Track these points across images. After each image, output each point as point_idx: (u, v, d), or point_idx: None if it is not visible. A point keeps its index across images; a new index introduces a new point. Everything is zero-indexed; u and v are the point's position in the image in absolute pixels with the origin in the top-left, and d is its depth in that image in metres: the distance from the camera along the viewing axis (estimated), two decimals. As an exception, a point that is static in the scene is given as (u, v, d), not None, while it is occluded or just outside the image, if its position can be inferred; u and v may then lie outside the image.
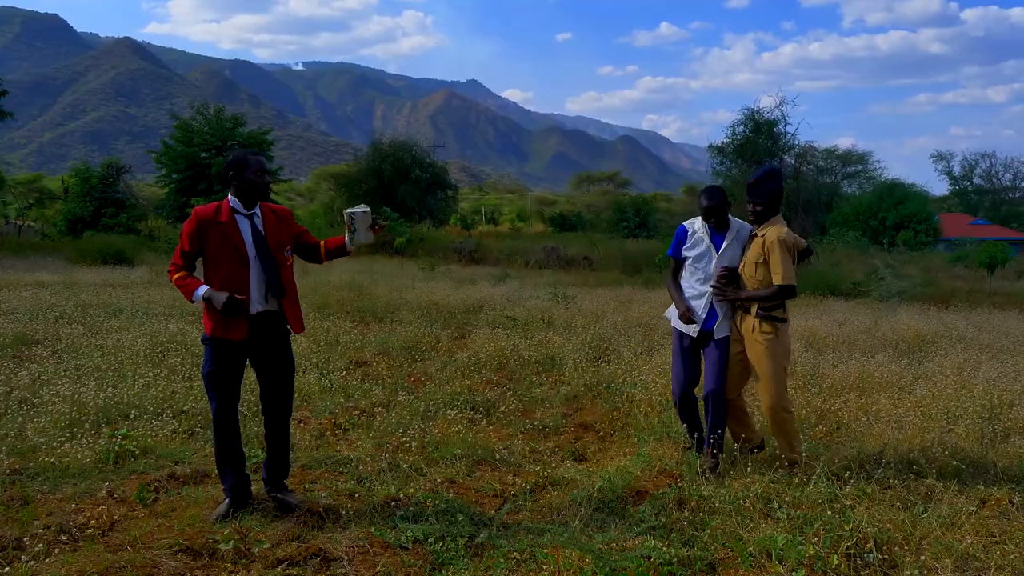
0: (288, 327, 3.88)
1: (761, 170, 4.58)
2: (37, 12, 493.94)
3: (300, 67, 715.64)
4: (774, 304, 4.43)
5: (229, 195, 3.76)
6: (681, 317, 4.56)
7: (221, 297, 3.57)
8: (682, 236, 4.66)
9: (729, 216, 4.57)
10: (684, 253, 4.64)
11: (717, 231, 4.56)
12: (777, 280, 4.34)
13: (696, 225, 4.64)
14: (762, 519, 3.71)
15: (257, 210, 3.78)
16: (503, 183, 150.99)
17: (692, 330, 4.56)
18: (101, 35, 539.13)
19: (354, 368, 7.24)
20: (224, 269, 3.67)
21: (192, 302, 3.72)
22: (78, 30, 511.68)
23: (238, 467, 3.81)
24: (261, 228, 3.75)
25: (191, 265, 3.75)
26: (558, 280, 17.89)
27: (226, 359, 3.71)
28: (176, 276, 3.70)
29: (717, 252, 4.53)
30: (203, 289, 3.63)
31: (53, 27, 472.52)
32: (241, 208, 3.73)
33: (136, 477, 4.19)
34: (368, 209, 3.99)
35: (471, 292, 13.45)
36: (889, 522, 3.61)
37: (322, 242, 4.05)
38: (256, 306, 3.72)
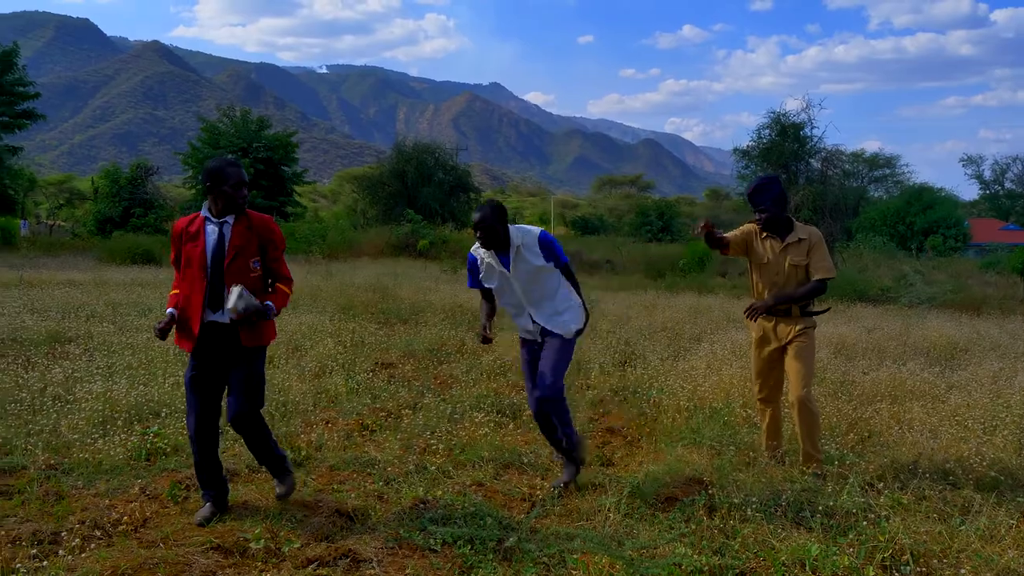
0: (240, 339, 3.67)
1: (756, 180, 4.61)
2: (69, 17, 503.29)
3: (324, 70, 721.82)
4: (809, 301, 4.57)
5: (204, 203, 3.71)
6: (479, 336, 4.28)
7: (162, 321, 3.61)
8: (473, 266, 4.31)
9: (510, 229, 4.16)
10: (484, 284, 4.29)
11: (497, 251, 4.16)
12: (820, 274, 4.47)
13: (481, 251, 4.23)
14: (794, 528, 3.66)
15: (230, 218, 3.63)
16: (525, 186, 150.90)
17: (533, 335, 4.29)
18: (130, 39, 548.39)
19: (380, 369, 7.27)
20: (186, 275, 3.65)
21: None
22: (108, 34, 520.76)
23: (215, 478, 3.74)
24: (227, 235, 3.63)
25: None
26: (581, 283, 17.83)
27: (201, 364, 3.67)
28: (171, 294, 3.76)
29: (509, 272, 4.15)
30: (170, 311, 3.67)
31: (84, 31, 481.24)
32: (212, 217, 3.64)
33: (167, 474, 4.23)
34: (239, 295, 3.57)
35: (495, 295, 13.44)
36: (926, 534, 3.54)
37: (271, 289, 3.79)
38: (207, 315, 3.64)
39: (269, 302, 3.67)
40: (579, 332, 4.33)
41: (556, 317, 4.22)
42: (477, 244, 4.25)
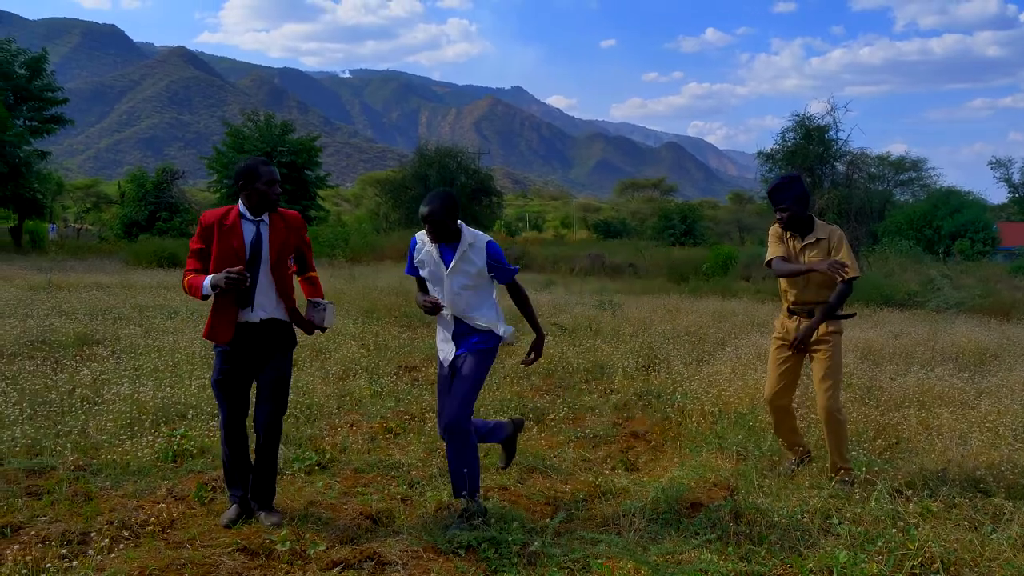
0: (293, 334, 3.82)
1: (778, 179, 4.56)
2: (96, 23, 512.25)
3: (347, 74, 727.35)
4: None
5: (239, 201, 3.73)
6: (423, 307, 3.87)
7: (221, 275, 3.50)
8: (412, 249, 3.99)
9: (462, 226, 3.86)
10: (419, 271, 3.97)
11: (444, 244, 3.85)
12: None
13: (426, 237, 3.90)
14: (821, 535, 3.62)
15: (265, 217, 3.71)
16: (547, 190, 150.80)
17: (446, 355, 3.96)
18: (156, 44, 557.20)
19: (403, 373, 7.30)
20: (217, 271, 3.61)
21: (204, 298, 3.63)
22: (134, 40, 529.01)
23: (244, 477, 3.77)
24: (264, 234, 3.69)
25: (200, 266, 3.70)
26: (603, 287, 17.79)
27: (230, 367, 3.68)
28: (185, 280, 3.68)
29: (447, 269, 3.84)
30: (209, 278, 3.56)
31: (111, 37, 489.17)
32: (248, 214, 3.69)
33: (194, 476, 4.27)
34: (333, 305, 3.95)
35: (516, 298, 13.43)
36: (956, 542, 3.48)
37: (302, 279, 3.97)
38: (240, 315, 3.66)
39: (320, 299, 3.96)
40: (501, 344, 4.00)
41: (477, 325, 3.91)
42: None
